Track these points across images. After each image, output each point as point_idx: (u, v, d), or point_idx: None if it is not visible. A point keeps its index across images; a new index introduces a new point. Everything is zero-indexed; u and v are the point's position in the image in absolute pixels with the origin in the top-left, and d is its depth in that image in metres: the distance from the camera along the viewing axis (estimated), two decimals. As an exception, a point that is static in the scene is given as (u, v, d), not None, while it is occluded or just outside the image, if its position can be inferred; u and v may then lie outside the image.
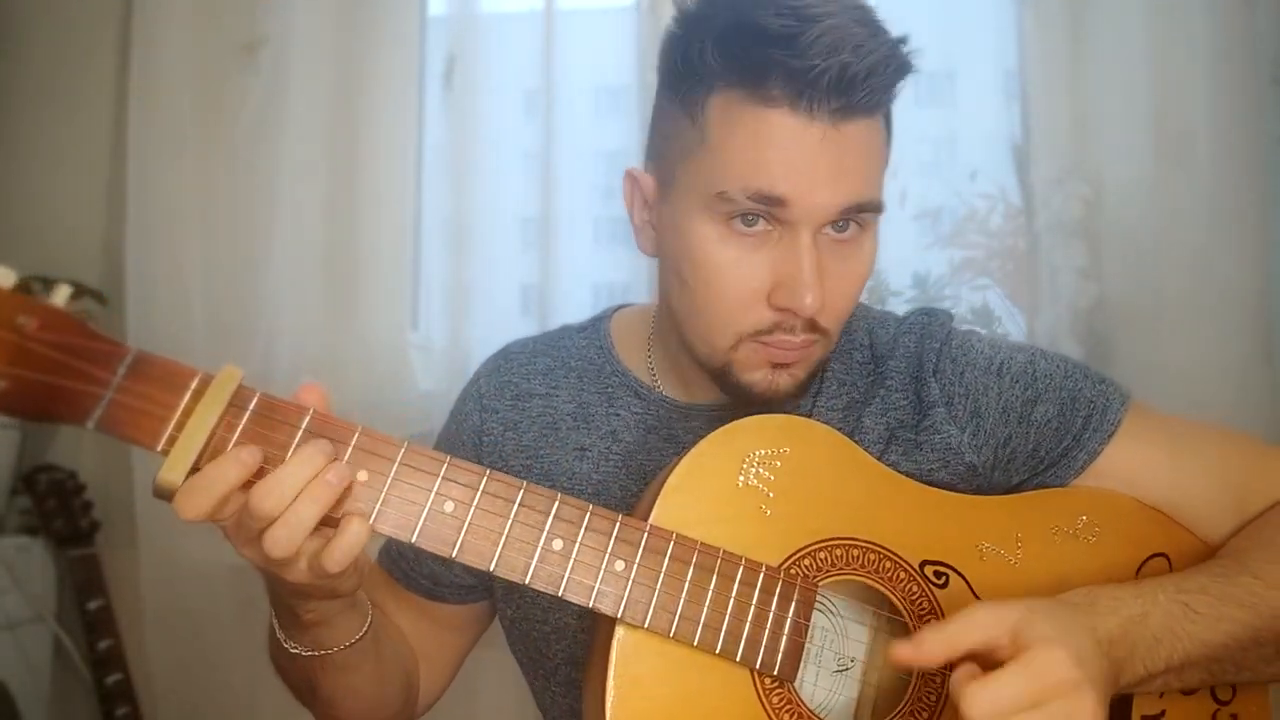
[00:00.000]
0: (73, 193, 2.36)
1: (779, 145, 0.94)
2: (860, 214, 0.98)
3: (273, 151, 2.24)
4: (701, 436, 0.97)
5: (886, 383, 1.10)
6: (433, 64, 2.32)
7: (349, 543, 0.82)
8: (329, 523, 0.83)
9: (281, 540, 0.80)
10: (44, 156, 2.37)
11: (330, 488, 0.81)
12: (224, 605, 2.20)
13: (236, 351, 2.18)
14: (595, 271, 2.30)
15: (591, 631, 1.02)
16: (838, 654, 0.99)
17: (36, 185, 2.36)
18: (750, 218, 0.96)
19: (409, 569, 1.21)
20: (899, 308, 2.09)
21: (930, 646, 0.83)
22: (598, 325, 1.22)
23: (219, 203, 2.26)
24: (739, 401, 1.04)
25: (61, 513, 2.16)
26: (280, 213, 2.24)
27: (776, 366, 1.00)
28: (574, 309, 2.10)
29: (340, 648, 0.97)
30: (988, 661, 0.83)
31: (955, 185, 2.16)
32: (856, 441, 1.03)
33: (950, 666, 0.84)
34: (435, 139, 2.31)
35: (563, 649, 1.13)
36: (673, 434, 1.12)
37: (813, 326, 0.99)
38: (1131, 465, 1.07)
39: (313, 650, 0.97)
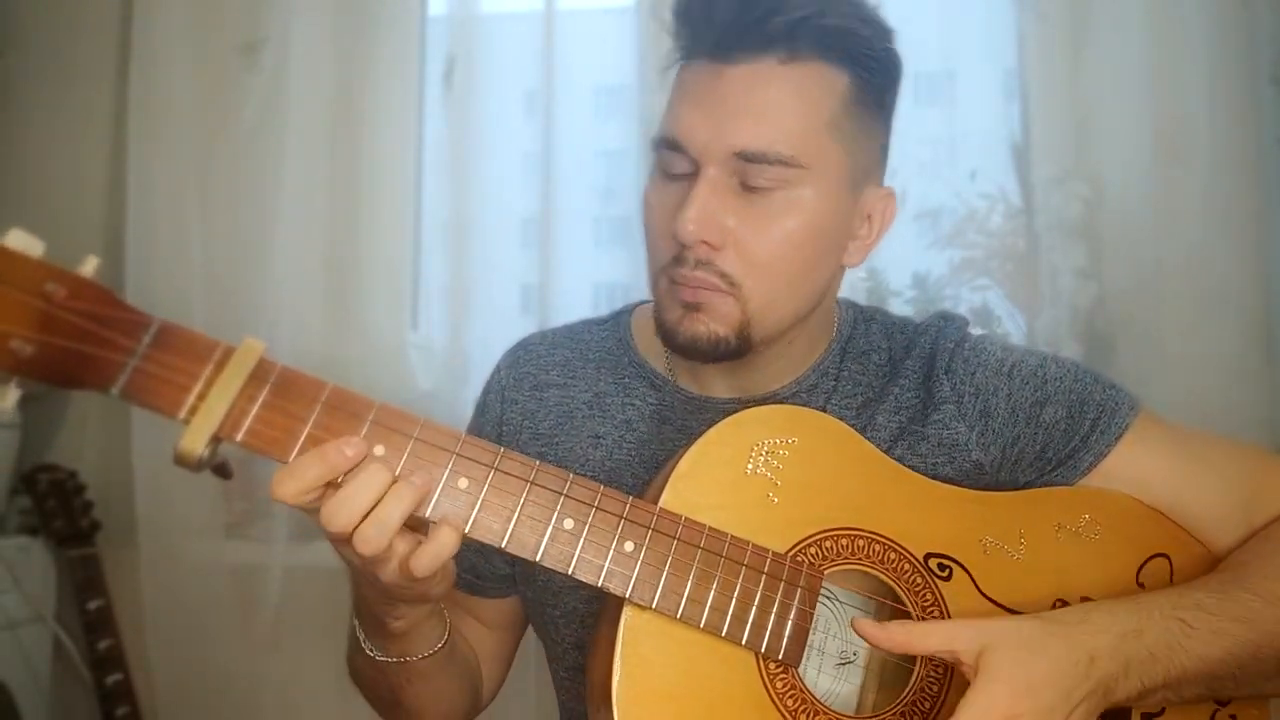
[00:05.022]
0: (72, 193, 2.34)
1: (686, 93, 1.02)
2: (757, 164, 0.98)
3: (273, 151, 2.23)
4: None
5: (900, 381, 1.11)
6: (433, 64, 2.31)
7: (436, 550, 0.85)
8: (416, 527, 0.87)
9: (371, 538, 0.83)
10: (43, 157, 2.36)
11: (414, 488, 0.84)
12: (224, 605, 2.20)
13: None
14: (595, 271, 2.30)
15: (598, 616, 1.03)
16: (841, 645, 1.00)
17: (36, 186, 2.34)
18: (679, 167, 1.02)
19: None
20: (899, 308, 2.10)
21: (892, 635, 0.90)
22: (620, 318, 1.24)
23: (219, 203, 2.26)
24: (675, 351, 1.07)
25: (61, 513, 2.15)
26: (280, 213, 2.23)
27: (686, 307, 1.02)
28: (574, 309, 2.10)
29: (424, 655, 1.01)
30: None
31: (955, 185, 2.16)
32: (869, 438, 1.04)
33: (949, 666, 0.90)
34: (435, 139, 2.30)
35: (570, 633, 1.14)
36: (686, 426, 1.13)
37: (712, 267, 1.00)
38: (1138, 469, 1.08)
39: (399, 659, 1.00)
